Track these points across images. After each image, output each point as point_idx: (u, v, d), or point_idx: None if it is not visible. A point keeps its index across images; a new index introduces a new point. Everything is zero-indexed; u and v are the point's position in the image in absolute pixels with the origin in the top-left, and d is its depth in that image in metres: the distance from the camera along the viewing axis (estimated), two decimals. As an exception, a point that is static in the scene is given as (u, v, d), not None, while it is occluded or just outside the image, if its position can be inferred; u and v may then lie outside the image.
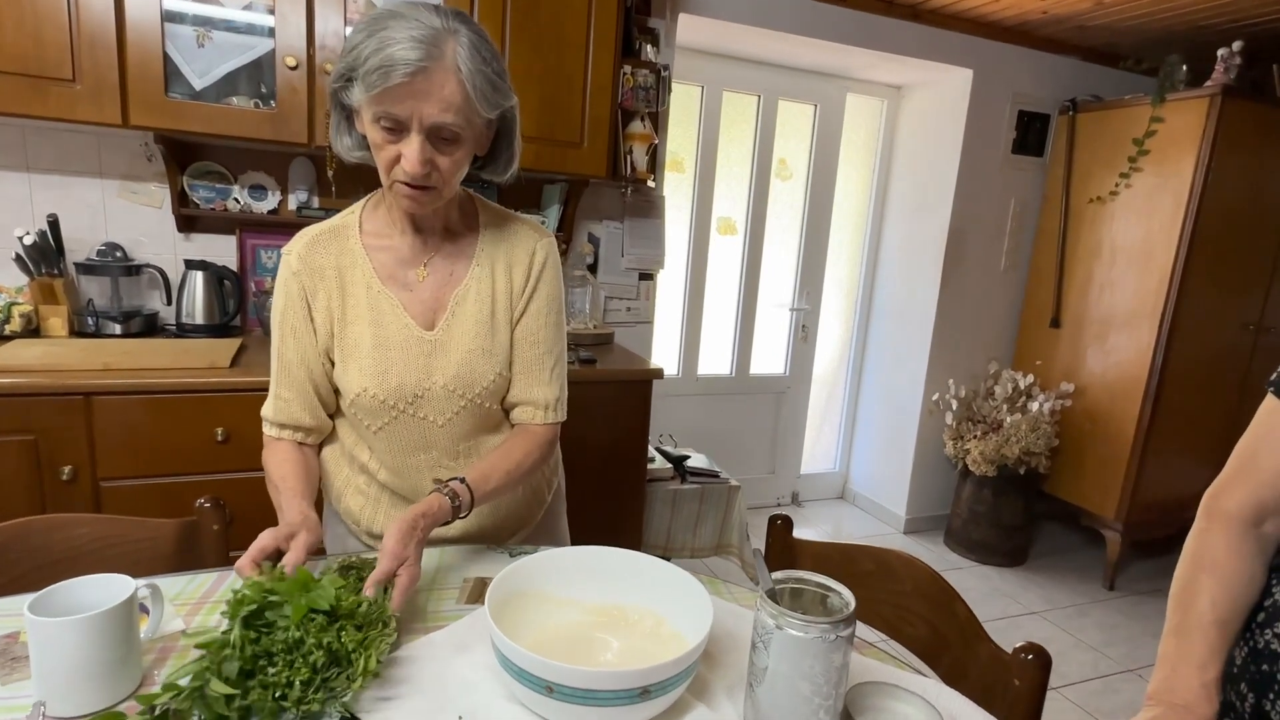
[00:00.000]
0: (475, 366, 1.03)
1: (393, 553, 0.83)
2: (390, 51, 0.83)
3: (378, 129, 0.89)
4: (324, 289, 1.02)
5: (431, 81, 0.85)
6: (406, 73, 0.83)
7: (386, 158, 0.91)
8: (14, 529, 1.00)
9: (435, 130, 0.88)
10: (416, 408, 1.03)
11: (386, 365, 1.01)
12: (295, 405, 1.04)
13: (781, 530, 1.16)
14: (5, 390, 1.54)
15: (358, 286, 1.02)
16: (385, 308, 1.02)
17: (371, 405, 1.01)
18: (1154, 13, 2.70)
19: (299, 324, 1.02)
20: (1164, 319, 2.82)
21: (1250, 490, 0.80)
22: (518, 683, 0.71)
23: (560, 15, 2.05)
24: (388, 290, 1.02)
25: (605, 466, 2.15)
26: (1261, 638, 0.79)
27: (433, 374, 1.02)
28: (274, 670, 0.67)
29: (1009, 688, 0.87)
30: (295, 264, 1.02)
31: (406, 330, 1.02)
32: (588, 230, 2.62)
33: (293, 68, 1.84)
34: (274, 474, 1.01)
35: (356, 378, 1.01)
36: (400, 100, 0.86)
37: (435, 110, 0.86)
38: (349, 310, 1.02)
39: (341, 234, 1.04)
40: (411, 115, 0.87)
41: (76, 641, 0.68)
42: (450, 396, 1.03)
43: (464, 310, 1.04)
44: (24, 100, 1.67)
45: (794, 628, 0.68)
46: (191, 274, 2.05)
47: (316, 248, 1.02)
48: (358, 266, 1.02)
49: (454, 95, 0.87)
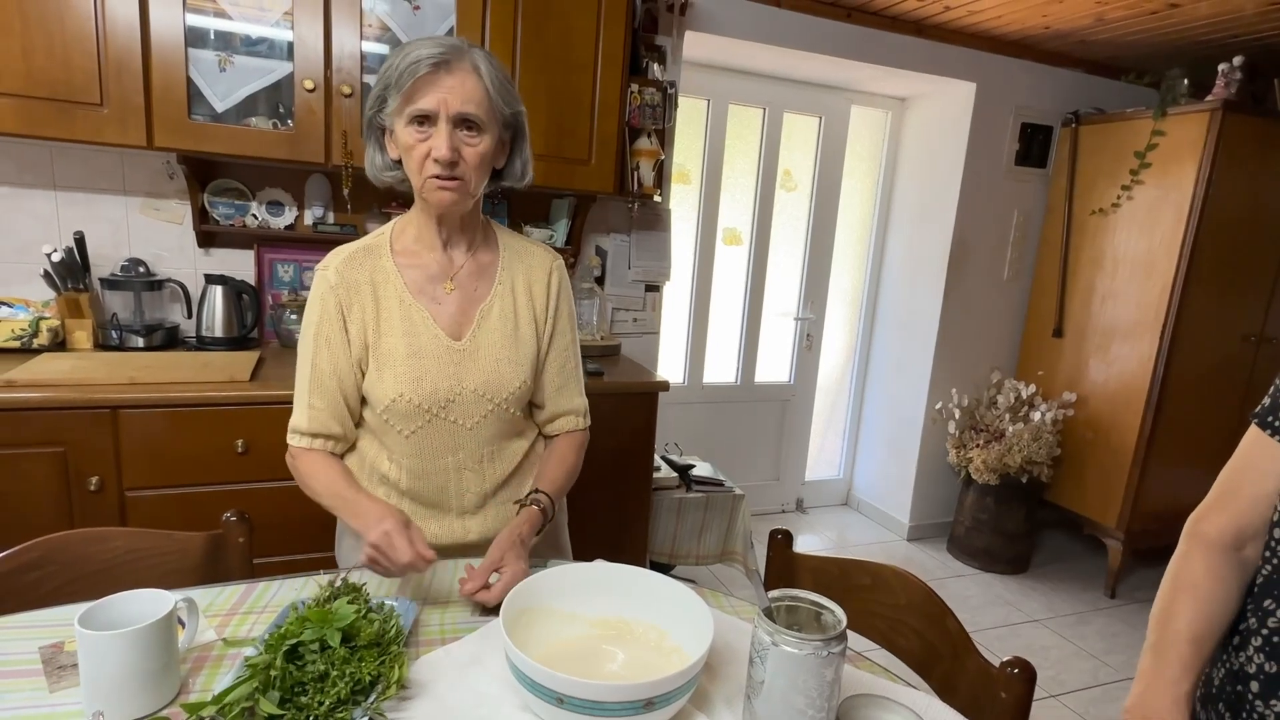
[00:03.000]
0: (502, 373, 1.13)
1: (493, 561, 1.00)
2: (417, 54, 0.98)
3: (410, 131, 1.01)
4: (359, 302, 1.10)
5: (454, 75, 0.99)
6: (431, 63, 0.97)
7: (418, 157, 1.02)
8: (53, 542, 1.05)
9: (460, 119, 1.01)
10: (448, 412, 1.11)
11: (420, 372, 1.09)
12: (326, 414, 1.11)
13: (781, 544, 1.21)
14: (37, 404, 1.60)
15: (391, 300, 1.10)
16: (417, 319, 1.10)
17: (407, 410, 1.09)
18: (1156, 28, 2.73)
19: (333, 335, 1.10)
20: (1165, 330, 2.85)
21: (1231, 517, 0.84)
22: (530, 694, 0.76)
23: (569, 36, 2.11)
24: (418, 303, 1.11)
25: (612, 476, 2.20)
26: (1237, 660, 0.83)
27: (463, 380, 1.11)
28: (305, 699, 0.75)
29: (996, 700, 0.91)
30: (332, 278, 1.10)
31: (437, 340, 1.10)
32: (595, 243, 2.67)
33: (310, 90, 1.90)
34: (322, 483, 1.09)
35: (392, 384, 1.08)
36: (428, 93, 0.99)
37: (459, 100, 0.99)
38: (383, 322, 1.10)
39: (374, 252, 1.12)
40: (439, 106, 0.99)
41: (124, 653, 0.73)
42: (479, 401, 1.12)
43: (489, 322, 1.14)
44: (54, 124, 1.73)
45: (789, 644, 0.73)
46: (211, 288, 2.11)
47: (352, 264, 1.11)
48: (390, 282, 1.11)
49: (475, 90, 1.01)
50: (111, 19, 1.72)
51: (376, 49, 2.01)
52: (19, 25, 1.67)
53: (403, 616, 0.92)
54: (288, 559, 1.82)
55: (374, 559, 0.94)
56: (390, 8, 1.97)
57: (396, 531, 0.93)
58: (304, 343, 1.12)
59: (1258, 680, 0.79)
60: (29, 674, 0.81)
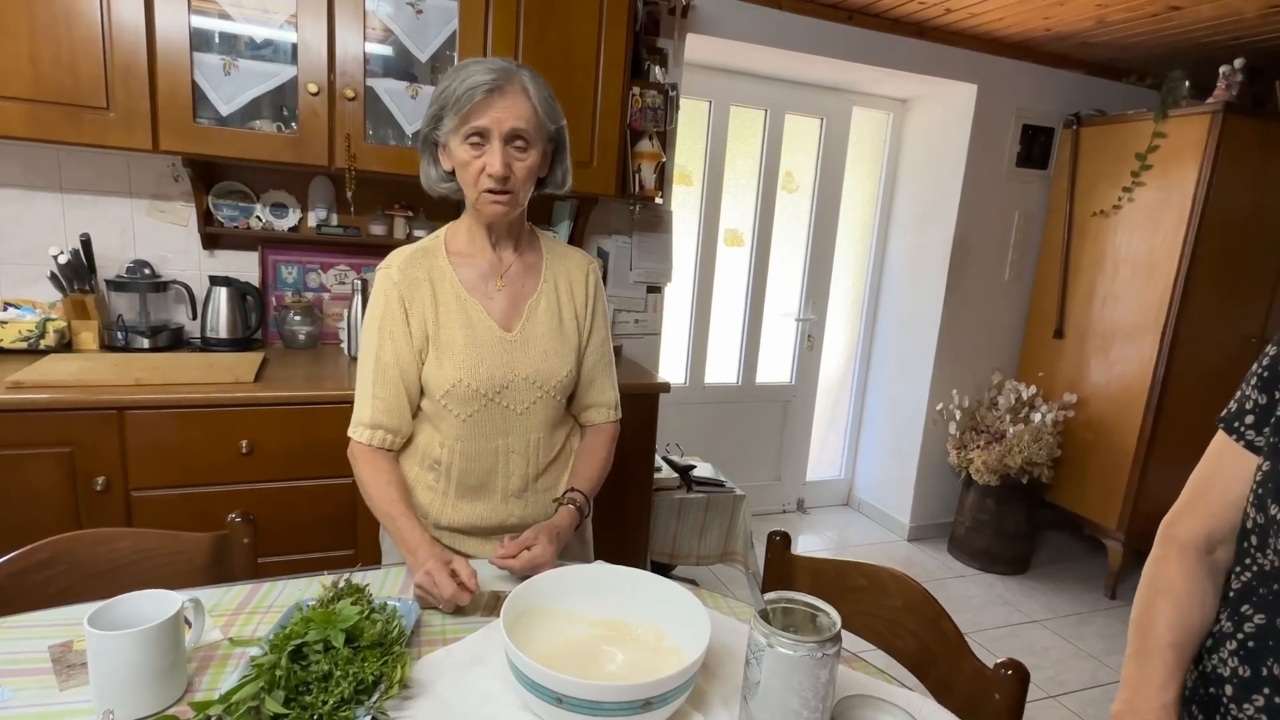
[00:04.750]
0: (551, 362, 1.22)
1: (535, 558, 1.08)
2: (473, 79, 1.07)
3: (466, 147, 1.10)
4: (419, 298, 1.18)
5: (506, 97, 1.08)
6: (486, 90, 1.06)
7: (474, 171, 1.11)
8: (62, 543, 1.07)
9: (512, 136, 1.09)
10: (502, 397, 1.19)
11: (478, 360, 1.17)
12: (389, 405, 1.19)
13: (779, 546, 1.22)
14: (44, 405, 1.62)
15: (448, 296, 1.19)
16: (473, 313, 1.19)
17: (465, 394, 1.17)
18: (1157, 30, 2.74)
19: (396, 328, 1.17)
20: (1166, 331, 2.85)
21: (1201, 521, 0.85)
22: (529, 693, 0.77)
23: (570, 39, 2.12)
24: (473, 298, 1.20)
25: (612, 476, 2.19)
26: (1209, 662, 0.84)
27: (516, 368, 1.19)
28: (310, 698, 0.76)
29: (990, 701, 0.92)
30: (396, 275, 1.18)
31: (491, 331, 1.19)
32: (597, 245, 2.68)
33: (314, 93, 1.91)
34: (376, 497, 1.16)
35: (452, 371, 1.16)
36: (483, 114, 1.08)
37: (511, 119, 1.08)
38: (442, 316, 1.18)
39: (431, 253, 1.22)
40: (493, 125, 1.08)
41: (132, 652, 0.75)
42: (530, 387, 1.21)
43: (536, 316, 1.23)
44: (61, 128, 1.75)
45: (784, 646, 0.74)
46: (216, 289, 2.13)
47: (412, 263, 1.20)
48: (446, 279, 1.20)
49: (525, 109, 1.10)
50: (118, 24, 1.74)
51: (380, 51, 2.03)
52: (26, 31, 1.68)
53: (405, 617, 0.93)
54: (292, 559, 1.84)
55: (420, 597, 1.03)
56: (393, 11, 1.98)
57: (437, 571, 1.01)
58: (368, 336, 1.19)
59: (1232, 684, 0.80)
60: (39, 672, 0.83)
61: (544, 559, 1.07)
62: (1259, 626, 0.78)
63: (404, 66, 2.06)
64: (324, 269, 2.34)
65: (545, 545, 1.09)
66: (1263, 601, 0.78)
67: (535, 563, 1.06)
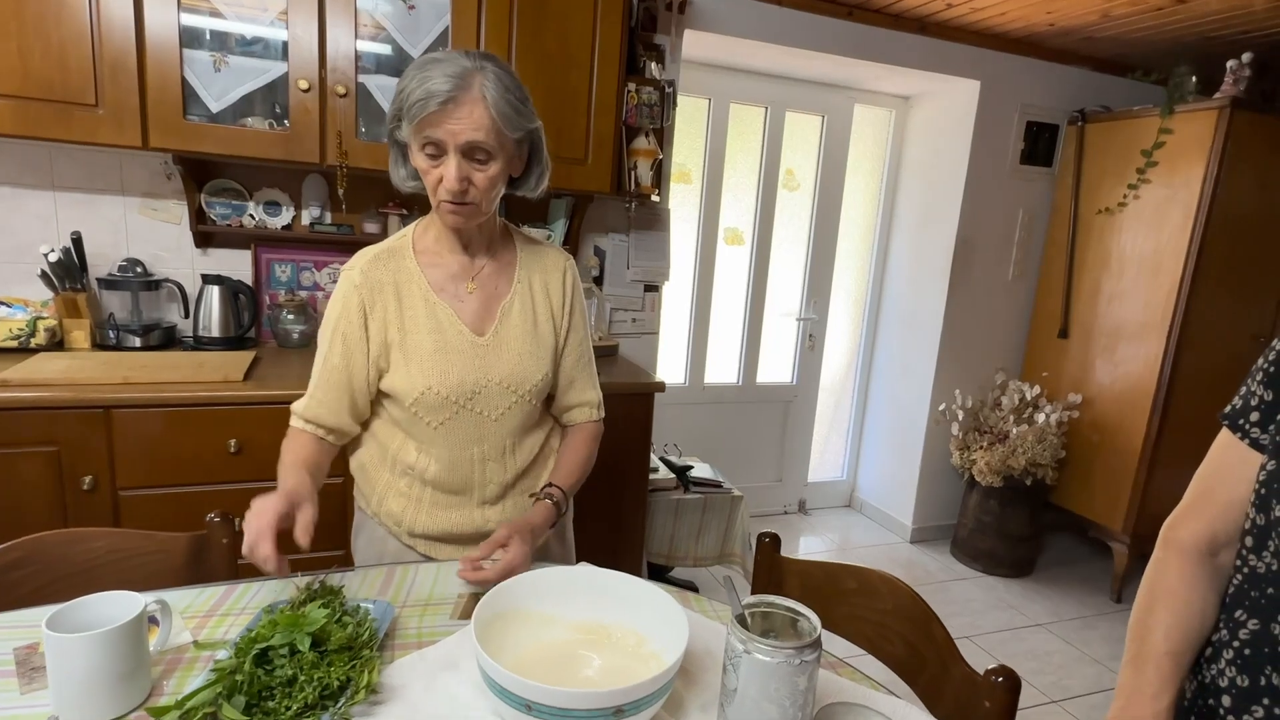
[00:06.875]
0: (525, 366, 1.18)
1: (510, 563, 1.03)
2: (427, 87, 0.99)
3: (423, 156, 1.05)
4: (381, 302, 1.14)
5: (462, 108, 1.00)
6: (439, 102, 0.99)
7: (432, 180, 1.06)
8: (32, 544, 1.05)
9: (469, 149, 1.03)
10: (474, 404, 1.15)
11: (447, 366, 1.13)
12: (325, 407, 1.15)
13: (768, 548, 1.19)
14: (31, 404, 1.61)
15: (415, 299, 1.14)
16: (442, 316, 1.15)
17: (435, 402, 1.12)
18: (1162, 24, 2.69)
19: (351, 332, 1.13)
20: (1172, 330, 2.81)
21: (1205, 523, 0.82)
22: (499, 700, 0.74)
23: (565, 35, 2.10)
24: (442, 301, 1.15)
25: (608, 477, 2.17)
26: (1208, 673, 0.81)
27: (489, 373, 1.15)
28: (273, 703, 0.74)
29: (980, 709, 0.89)
30: (357, 278, 1.14)
31: (462, 336, 1.15)
32: (593, 243, 2.66)
33: (305, 90, 1.90)
34: (286, 457, 1.12)
35: (420, 378, 1.12)
36: (437, 125, 1.01)
37: (467, 131, 1.01)
38: (408, 320, 1.14)
39: (398, 254, 1.17)
40: (447, 138, 1.02)
41: (90, 655, 0.73)
42: (504, 392, 1.16)
43: (510, 318, 1.18)
44: (50, 124, 1.74)
45: (761, 652, 0.72)
46: (208, 288, 2.11)
47: (377, 265, 1.15)
48: (414, 282, 1.15)
49: (482, 119, 1.01)
50: (107, 20, 1.73)
51: (371, 48, 2.01)
52: (15, 27, 1.67)
53: (379, 620, 0.91)
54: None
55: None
56: (385, 7, 1.96)
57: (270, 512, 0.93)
58: (322, 337, 1.16)
59: (1229, 694, 0.77)
60: (2, 675, 0.81)
61: (519, 561, 1.03)
62: (1253, 633, 0.75)
63: (396, 63, 2.04)
64: (318, 267, 2.33)
65: (519, 547, 1.05)
66: (1255, 606, 0.75)
67: (511, 567, 1.02)
